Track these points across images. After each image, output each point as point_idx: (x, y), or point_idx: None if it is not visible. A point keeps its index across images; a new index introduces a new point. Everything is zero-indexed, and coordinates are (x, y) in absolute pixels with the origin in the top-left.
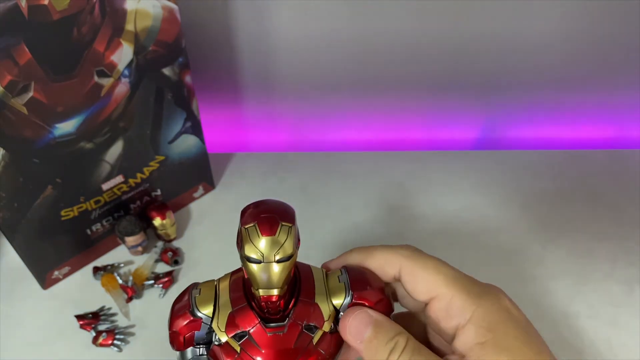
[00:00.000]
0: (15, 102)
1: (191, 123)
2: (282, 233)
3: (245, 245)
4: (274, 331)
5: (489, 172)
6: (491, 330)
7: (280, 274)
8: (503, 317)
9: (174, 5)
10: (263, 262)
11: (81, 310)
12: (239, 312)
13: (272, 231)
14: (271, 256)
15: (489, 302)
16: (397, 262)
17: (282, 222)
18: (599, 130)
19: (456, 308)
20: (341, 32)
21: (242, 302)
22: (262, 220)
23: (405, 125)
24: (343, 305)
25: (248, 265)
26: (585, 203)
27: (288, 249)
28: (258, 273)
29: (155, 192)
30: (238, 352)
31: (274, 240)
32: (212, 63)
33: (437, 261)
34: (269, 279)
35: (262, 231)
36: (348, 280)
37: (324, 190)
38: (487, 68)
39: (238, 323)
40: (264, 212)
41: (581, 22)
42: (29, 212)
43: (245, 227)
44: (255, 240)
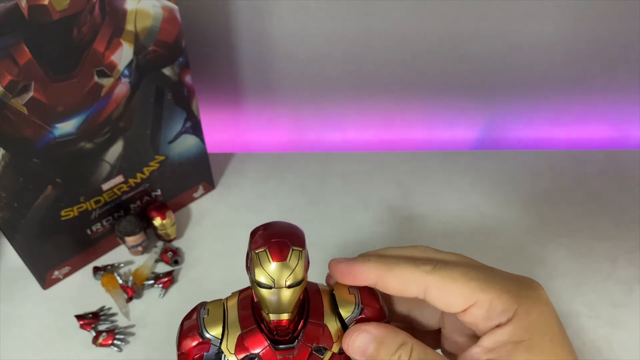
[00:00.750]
0: (16, 102)
1: (191, 123)
2: (293, 258)
3: (255, 270)
4: (283, 353)
5: (489, 172)
6: (529, 330)
7: (291, 299)
8: (544, 314)
9: (174, 6)
10: (274, 287)
11: (81, 310)
12: (248, 334)
13: (283, 256)
14: (282, 281)
15: (531, 299)
16: (421, 280)
17: (293, 246)
18: (598, 131)
19: (498, 311)
20: (341, 32)
21: (251, 324)
22: (273, 244)
23: (405, 125)
24: (349, 318)
25: (258, 290)
26: (585, 203)
27: (299, 274)
28: (268, 298)
29: (155, 192)
30: None
31: (285, 265)
32: (212, 63)
33: (463, 267)
34: (280, 304)
35: (273, 256)
36: (359, 295)
37: (324, 190)
38: (487, 68)
39: (247, 345)
40: (275, 236)
41: (581, 23)
42: (29, 212)
43: (255, 252)
44: (266, 265)
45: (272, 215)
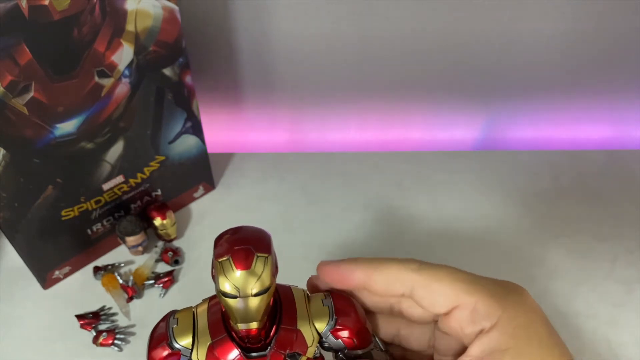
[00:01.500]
0: (16, 102)
1: (191, 123)
2: (258, 265)
3: (219, 279)
4: None
5: (488, 172)
6: (515, 336)
7: (259, 307)
8: (529, 319)
9: (175, 6)
10: (240, 296)
11: (81, 310)
12: (218, 343)
13: (248, 264)
14: (248, 290)
15: (516, 304)
16: (407, 277)
17: (257, 253)
18: (598, 131)
19: (481, 314)
20: (341, 33)
21: (221, 333)
22: (236, 252)
23: (405, 125)
24: (324, 331)
25: (224, 300)
26: (585, 203)
27: (265, 281)
28: (235, 308)
29: (156, 192)
30: None
31: (250, 273)
32: (212, 63)
33: (449, 269)
34: (247, 313)
35: (237, 264)
36: (332, 305)
37: (324, 190)
38: (487, 68)
39: (218, 355)
40: (238, 242)
41: (581, 23)
42: (30, 212)
43: (219, 261)
44: (230, 275)
45: (272, 215)
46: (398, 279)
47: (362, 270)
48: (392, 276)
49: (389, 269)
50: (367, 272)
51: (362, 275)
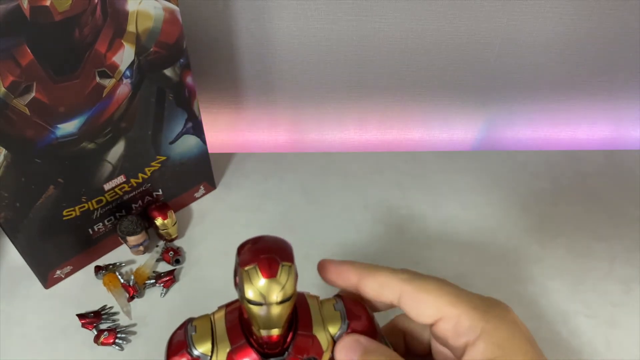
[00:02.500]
0: (17, 102)
1: (192, 123)
2: (283, 274)
3: (245, 287)
4: None
5: (487, 172)
6: (501, 346)
7: (282, 314)
8: (512, 331)
9: (175, 7)
10: (265, 304)
11: (83, 309)
12: (237, 349)
13: (273, 272)
14: (272, 298)
15: (498, 317)
16: (397, 286)
17: (282, 262)
18: (597, 131)
19: (465, 326)
20: (341, 33)
21: (240, 339)
22: (263, 261)
23: (405, 126)
24: (337, 335)
25: (249, 307)
26: (584, 203)
27: (289, 290)
28: (259, 314)
29: (157, 192)
30: None
31: (275, 282)
32: (213, 64)
33: (438, 281)
34: (270, 320)
35: (263, 272)
36: (344, 309)
37: (324, 190)
38: (486, 68)
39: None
40: (264, 251)
41: (580, 23)
42: (31, 212)
43: (245, 269)
44: (256, 282)
45: (272, 215)
46: (388, 287)
47: (356, 273)
48: (382, 283)
49: (380, 276)
50: (361, 275)
51: (355, 277)
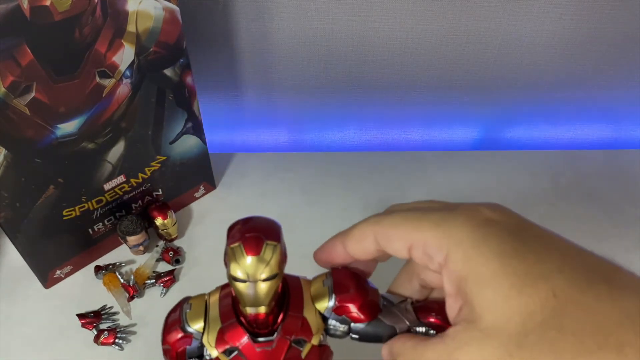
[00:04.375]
0: (18, 102)
1: (192, 123)
2: (267, 252)
3: (231, 265)
4: (262, 346)
5: (488, 172)
6: (468, 260)
7: (267, 292)
8: (478, 236)
9: (175, 7)
10: (249, 281)
11: (83, 309)
12: (228, 327)
13: (258, 250)
14: (257, 275)
15: (461, 226)
16: (370, 232)
17: (267, 240)
18: (597, 131)
19: (433, 247)
20: (341, 33)
21: (231, 318)
22: (248, 239)
23: (405, 126)
24: (327, 310)
25: (235, 285)
26: (584, 203)
27: (274, 268)
28: (245, 292)
29: (157, 192)
30: None
31: (260, 259)
32: (212, 64)
33: (403, 213)
34: (256, 298)
35: (247, 250)
36: (332, 284)
37: (324, 190)
38: (487, 68)
39: (227, 339)
40: (250, 230)
41: (580, 23)
42: (31, 212)
43: (231, 247)
44: (241, 260)
45: (272, 214)
46: (365, 237)
47: (339, 243)
48: (359, 237)
49: (354, 230)
50: (343, 242)
51: (341, 247)
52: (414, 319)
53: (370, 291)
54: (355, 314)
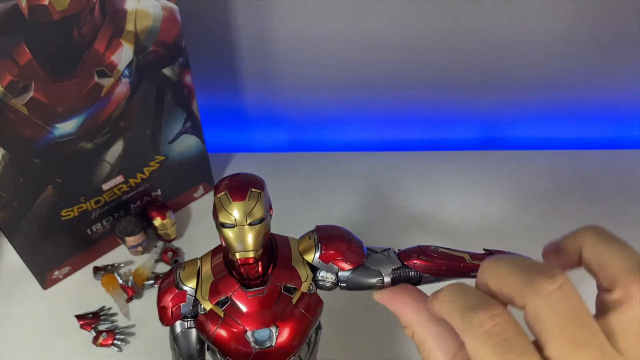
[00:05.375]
0: (16, 102)
1: (191, 123)
2: (251, 198)
3: (219, 213)
4: (254, 294)
5: (488, 172)
6: None
7: (254, 236)
8: None
9: (174, 6)
10: (236, 225)
11: (81, 310)
12: (220, 280)
13: (242, 197)
14: (243, 220)
15: None
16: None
17: (251, 188)
18: (599, 131)
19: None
20: (341, 32)
21: (223, 272)
22: (233, 187)
23: (405, 126)
24: (315, 259)
25: (223, 232)
26: (585, 203)
27: (258, 213)
28: (232, 237)
29: (156, 192)
30: (222, 317)
31: (245, 205)
32: (212, 63)
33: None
34: (244, 242)
35: (232, 197)
36: (317, 237)
37: (324, 190)
38: (488, 68)
39: (220, 290)
40: (234, 181)
41: (582, 23)
42: (30, 212)
43: (218, 197)
44: (228, 206)
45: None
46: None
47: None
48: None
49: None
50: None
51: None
52: (398, 263)
53: (354, 240)
54: (341, 260)
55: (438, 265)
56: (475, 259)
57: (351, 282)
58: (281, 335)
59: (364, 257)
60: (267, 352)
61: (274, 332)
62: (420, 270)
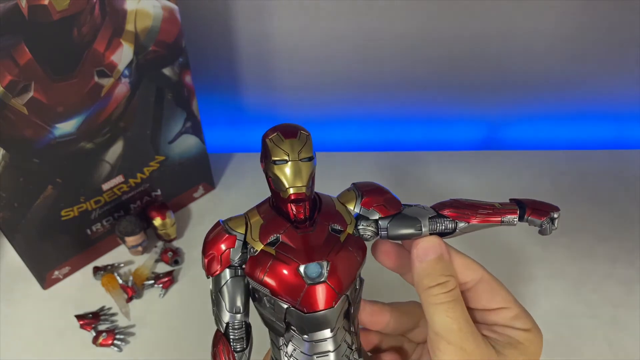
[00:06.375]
0: (16, 102)
1: (191, 123)
2: (301, 138)
3: (272, 152)
4: (304, 231)
5: (489, 173)
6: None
7: (306, 171)
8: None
9: (174, 6)
10: (290, 160)
11: (81, 310)
12: (270, 221)
13: (294, 134)
14: (296, 155)
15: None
16: (479, 271)
17: (300, 130)
18: (599, 131)
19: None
20: (341, 32)
21: (272, 215)
22: (284, 127)
23: (406, 126)
24: (357, 206)
25: (275, 169)
26: (586, 203)
27: (309, 151)
28: (286, 172)
29: (156, 192)
30: (274, 254)
31: (297, 141)
32: (212, 63)
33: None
34: (297, 175)
35: (285, 135)
36: (356, 188)
37: (324, 190)
38: (488, 69)
39: (270, 229)
40: (284, 125)
41: (582, 23)
42: (29, 212)
43: (269, 138)
44: (281, 144)
45: None
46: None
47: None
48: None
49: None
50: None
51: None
52: (433, 213)
53: (390, 192)
54: (381, 206)
55: (470, 212)
56: (504, 206)
57: (391, 229)
58: (332, 270)
59: (401, 206)
60: (319, 288)
61: (325, 266)
62: (454, 217)
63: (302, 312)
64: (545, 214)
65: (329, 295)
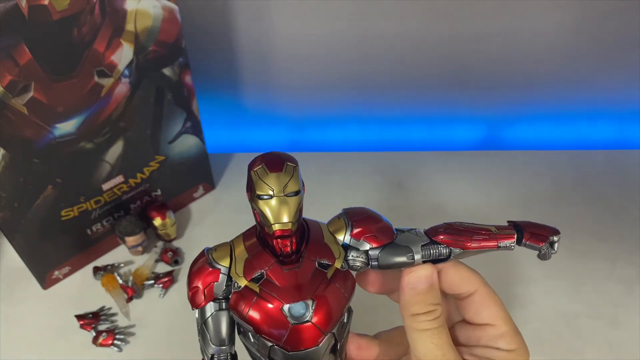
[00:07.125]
0: (16, 102)
1: (191, 123)
2: (288, 170)
3: (256, 186)
4: (289, 268)
5: (489, 173)
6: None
7: (292, 206)
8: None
9: (174, 6)
10: (274, 196)
11: (81, 310)
12: (255, 256)
13: (279, 168)
14: (281, 189)
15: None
16: (474, 284)
17: (287, 162)
18: (599, 131)
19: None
20: (342, 32)
21: (257, 249)
22: (269, 160)
23: (406, 125)
24: (346, 237)
25: (260, 204)
26: (586, 203)
27: (295, 185)
28: (271, 208)
29: (156, 192)
30: (258, 292)
31: (282, 175)
32: (212, 63)
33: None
34: (281, 212)
35: (269, 169)
36: (347, 217)
37: (324, 190)
38: (488, 69)
39: (255, 265)
40: (270, 156)
41: (582, 23)
42: (29, 212)
43: (254, 171)
44: (265, 178)
45: None
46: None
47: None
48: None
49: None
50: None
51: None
52: (426, 239)
53: (383, 220)
54: (372, 237)
55: (465, 238)
56: (501, 230)
57: (382, 260)
58: (318, 309)
59: (394, 234)
60: (304, 328)
61: (311, 306)
62: (448, 244)
63: (286, 350)
64: (544, 238)
65: (314, 335)
